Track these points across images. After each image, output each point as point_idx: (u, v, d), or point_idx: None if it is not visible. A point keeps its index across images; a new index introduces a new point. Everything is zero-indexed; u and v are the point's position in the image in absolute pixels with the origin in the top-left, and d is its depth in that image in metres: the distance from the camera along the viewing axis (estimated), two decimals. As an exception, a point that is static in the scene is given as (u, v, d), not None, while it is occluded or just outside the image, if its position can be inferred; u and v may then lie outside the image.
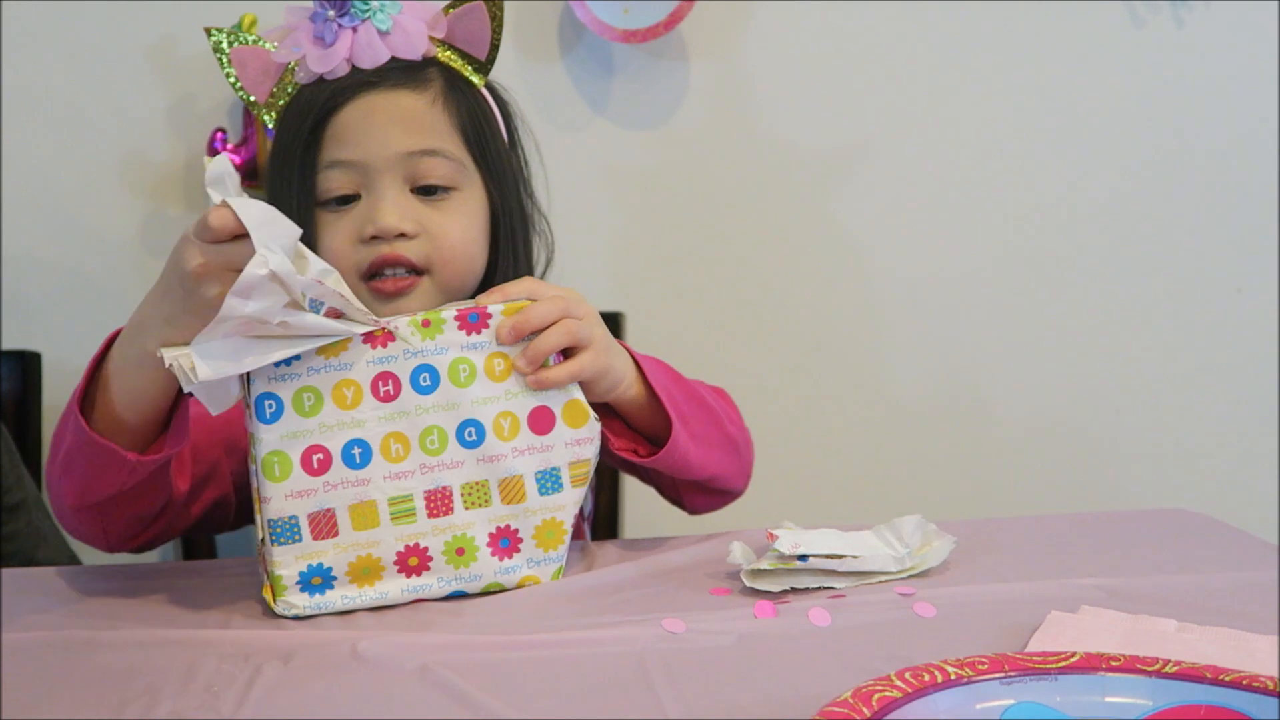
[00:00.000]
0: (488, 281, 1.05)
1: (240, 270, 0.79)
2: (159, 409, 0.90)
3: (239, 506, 1.05)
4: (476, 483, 0.90)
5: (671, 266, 1.60)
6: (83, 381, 0.91)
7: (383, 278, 1.00)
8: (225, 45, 1.11)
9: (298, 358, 0.86)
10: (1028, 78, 1.59)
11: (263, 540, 0.88)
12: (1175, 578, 0.92)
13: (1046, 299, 1.63)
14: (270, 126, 1.09)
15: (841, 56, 1.57)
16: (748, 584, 0.90)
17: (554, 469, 0.92)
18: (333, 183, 1.04)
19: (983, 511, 1.60)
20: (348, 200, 1.04)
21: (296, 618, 0.87)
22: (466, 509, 0.90)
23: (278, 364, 0.85)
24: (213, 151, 1.46)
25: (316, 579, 0.87)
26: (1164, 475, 1.66)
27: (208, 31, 1.14)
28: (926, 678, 0.66)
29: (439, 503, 0.89)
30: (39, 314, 1.50)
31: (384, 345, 0.88)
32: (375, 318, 0.88)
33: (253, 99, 1.11)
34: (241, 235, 0.80)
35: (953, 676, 0.66)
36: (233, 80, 1.11)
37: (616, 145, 1.57)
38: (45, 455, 1.40)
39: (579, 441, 0.92)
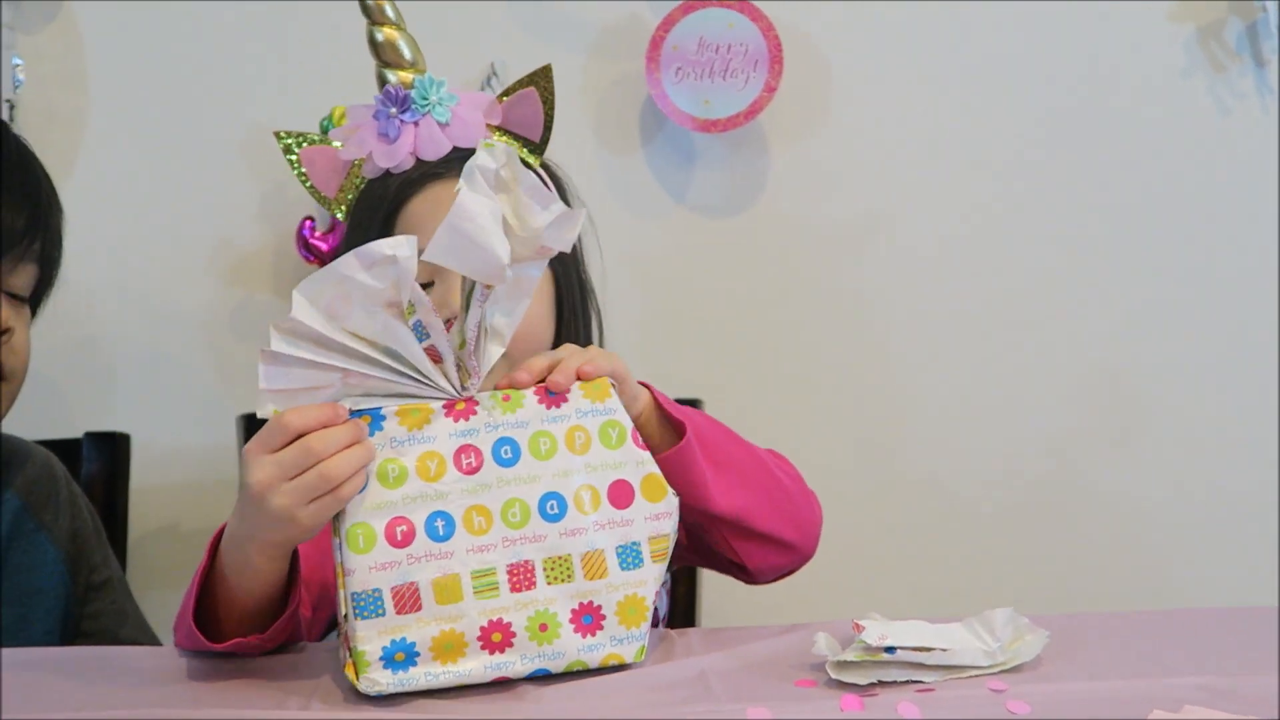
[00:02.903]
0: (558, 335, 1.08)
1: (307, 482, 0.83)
2: (275, 588, 0.92)
3: None
4: (559, 557, 0.89)
5: (748, 355, 1.59)
6: (194, 589, 0.93)
7: None
8: (295, 147, 1.16)
9: (379, 426, 0.87)
10: (1115, 160, 1.59)
11: (345, 616, 0.88)
12: (1274, 676, 0.88)
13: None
14: (341, 219, 1.13)
15: (920, 143, 1.57)
16: (833, 676, 0.88)
17: (634, 543, 0.91)
18: None
19: (1058, 604, 1.55)
20: (423, 288, 1.07)
21: (379, 696, 0.87)
22: (549, 584, 0.89)
23: None
24: (301, 240, 1.49)
25: (400, 655, 0.86)
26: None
27: (277, 135, 1.19)
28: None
29: (521, 577, 0.88)
30: (129, 396, 1.53)
31: (465, 419, 0.89)
32: (458, 388, 0.89)
33: (323, 195, 1.15)
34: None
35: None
36: (303, 179, 1.16)
37: (697, 233, 1.57)
38: (131, 534, 1.43)
39: (658, 516, 0.92)
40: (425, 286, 1.09)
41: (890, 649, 0.88)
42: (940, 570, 1.61)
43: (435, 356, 0.88)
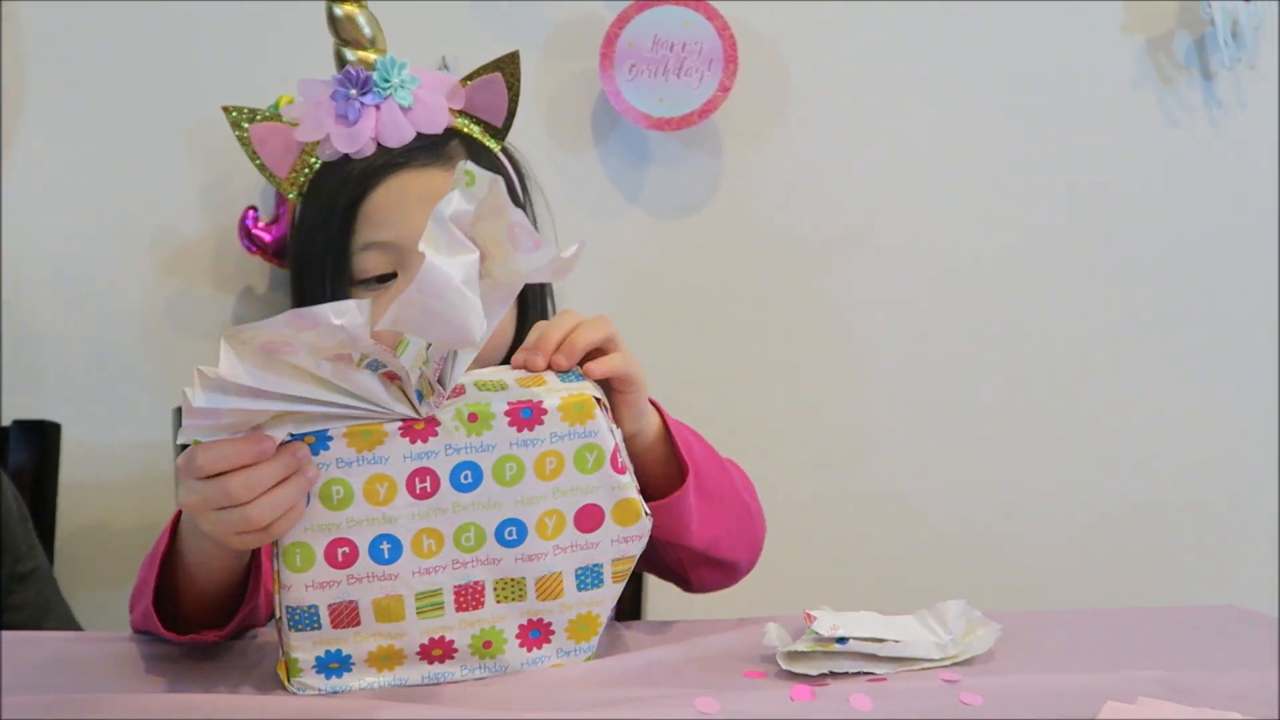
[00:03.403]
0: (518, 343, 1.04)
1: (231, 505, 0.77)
2: (235, 574, 0.89)
3: None
4: (511, 579, 0.85)
5: (699, 355, 1.57)
6: (154, 569, 0.89)
7: None
8: (245, 122, 1.12)
9: (325, 445, 0.79)
10: (1065, 167, 1.59)
11: (279, 618, 0.84)
12: (1232, 674, 0.88)
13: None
14: (292, 200, 1.10)
15: (876, 146, 1.57)
16: (784, 666, 0.86)
17: (596, 565, 0.86)
18: (370, 263, 1.06)
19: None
20: (385, 279, 1.05)
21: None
22: (498, 603, 0.85)
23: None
24: (244, 230, 1.46)
25: (334, 664, 0.83)
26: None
27: (226, 110, 1.15)
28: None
29: (469, 598, 0.84)
30: (61, 387, 1.48)
31: (424, 440, 0.81)
32: (416, 409, 0.81)
33: (274, 175, 1.12)
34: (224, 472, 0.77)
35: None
36: (253, 156, 1.12)
37: (647, 234, 1.56)
38: (59, 527, 1.38)
39: (626, 539, 0.87)
40: (388, 278, 1.07)
41: (842, 639, 0.87)
42: (898, 570, 1.60)
43: (393, 375, 0.80)
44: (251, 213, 1.46)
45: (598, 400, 0.84)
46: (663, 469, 0.95)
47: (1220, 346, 1.62)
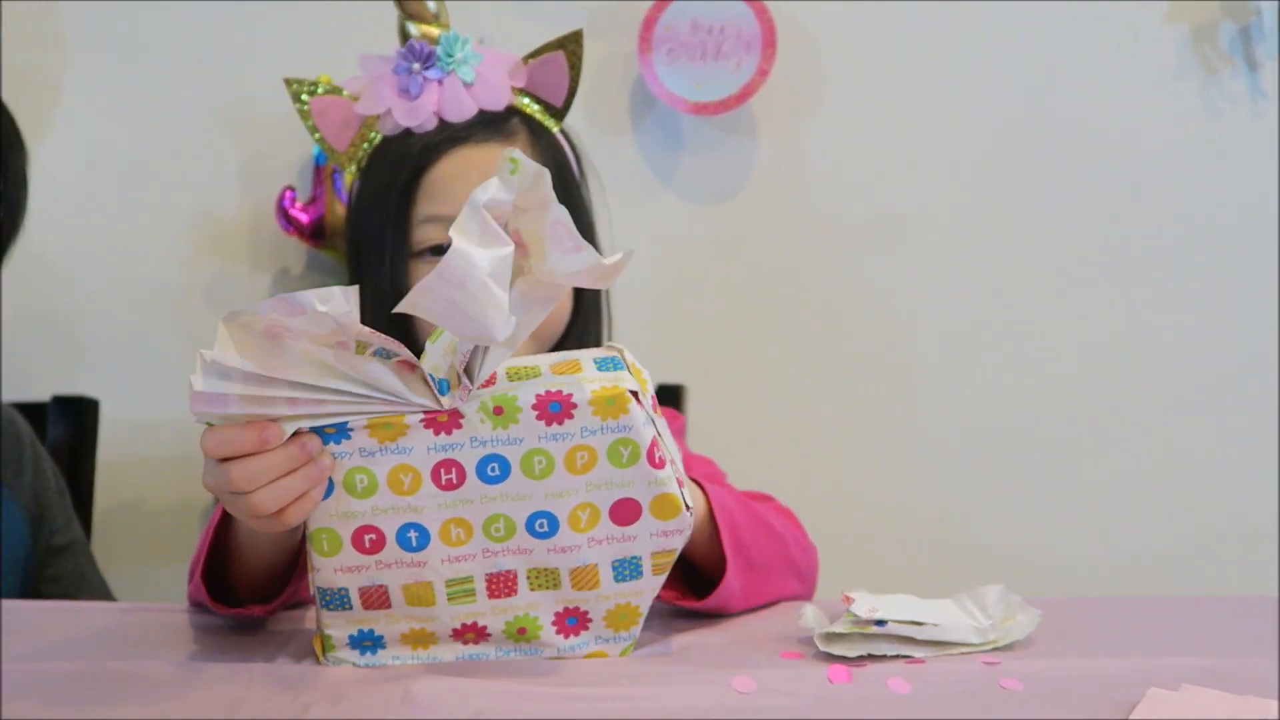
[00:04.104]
0: (573, 324, 1.04)
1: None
2: (286, 550, 0.88)
3: None
4: (545, 569, 0.82)
5: (732, 340, 1.57)
6: (207, 540, 0.88)
7: None
8: (305, 95, 1.12)
9: (346, 435, 0.77)
10: (1107, 158, 1.57)
11: (313, 594, 0.83)
12: (1272, 661, 0.86)
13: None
14: (351, 175, 1.09)
15: (913, 132, 1.56)
16: (821, 648, 0.86)
17: (634, 557, 0.83)
18: (430, 235, 1.06)
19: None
20: (442, 250, 1.04)
21: None
22: (531, 591, 0.83)
23: (325, 441, 0.76)
24: (281, 210, 1.46)
25: (368, 642, 0.83)
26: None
27: (287, 82, 1.15)
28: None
29: (502, 585, 0.82)
30: (99, 364, 1.49)
31: (448, 433, 0.78)
32: (438, 400, 0.78)
33: (334, 148, 1.11)
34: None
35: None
36: (312, 130, 1.12)
37: (682, 219, 1.55)
38: (96, 508, 1.39)
39: (666, 533, 0.83)
40: (444, 249, 1.07)
41: (880, 622, 0.86)
42: (923, 563, 1.59)
43: (409, 365, 0.77)
44: (289, 193, 1.46)
45: (633, 393, 0.80)
46: (707, 546, 0.92)
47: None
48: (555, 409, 0.79)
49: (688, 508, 0.83)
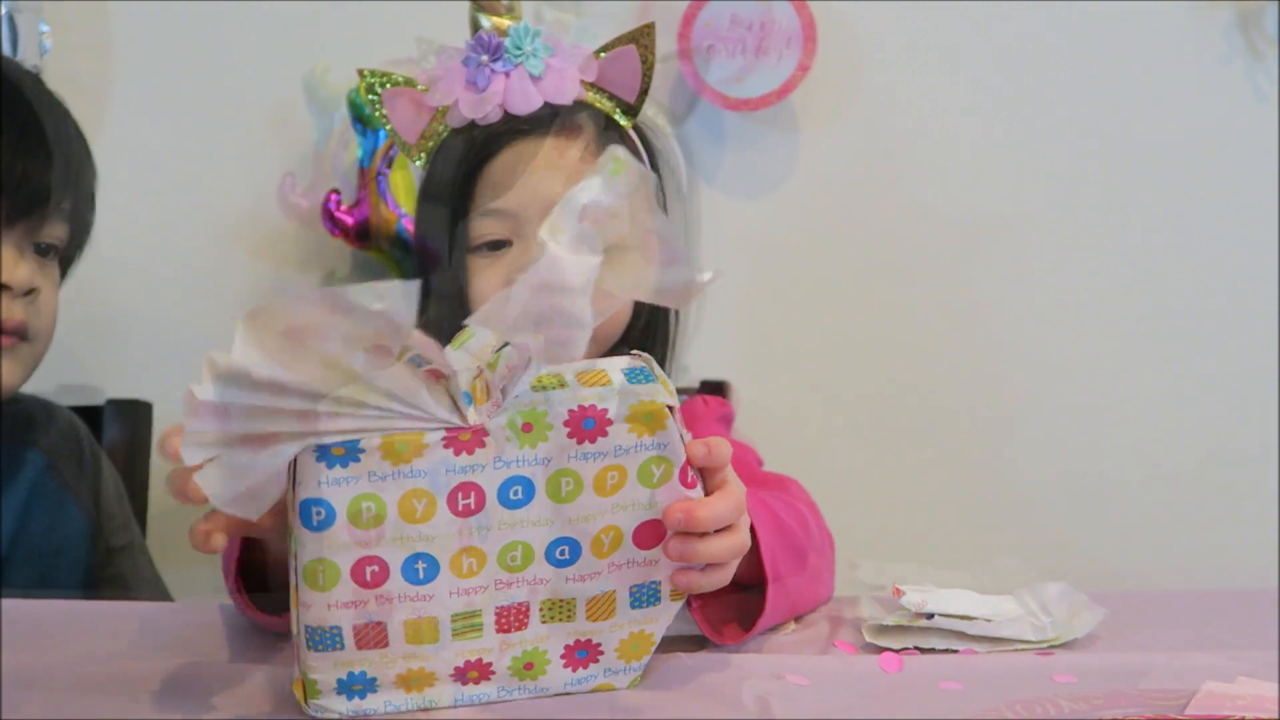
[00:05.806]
0: (636, 320, 1.04)
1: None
2: None
3: None
4: (560, 600, 0.76)
5: (775, 335, 1.57)
6: (234, 552, 0.86)
7: None
8: (379, 87, 1.11)
9: (355, 457, 0.70)
10: (1149, 143, 1.56)
11: (296, 634, 0.74)
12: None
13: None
14: (421, 167, 1.10)
15: (954, 126, 1.55)
16: (869, 639, 0.86)
17: (653, 582, 0.76)
18: (486, 229, 1.05)
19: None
20: (499, 245, 1.05)
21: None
22: (543, 623, 0.76)
23: (330, 465, 0.69)
24: (327, 213, 1.48)
25: (357, 686, 0.74)
26: None
27: (360, 73, 1.15)
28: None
29: (512, 619, 0.75)
30: (152, 367, 1.52)
31: (470, 452, 0.71)
32: (463, 415, 0.71)
33: (405, 140, 1.11)
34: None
35: None
36: (384, 120, 1.11)
37: (723, 215, 1.55)
38: (151, 509, 1.41)
39: None
40: (501, 245, 1.07)
41: (929, 615, 0.86)
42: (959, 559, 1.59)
43: (436, 375, 0.70)
44: (334, 196, 1.48)
45: (670, 409, 0.74)
46: (744, 567, 0.86)
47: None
48: (589, 425, 0.72)
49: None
